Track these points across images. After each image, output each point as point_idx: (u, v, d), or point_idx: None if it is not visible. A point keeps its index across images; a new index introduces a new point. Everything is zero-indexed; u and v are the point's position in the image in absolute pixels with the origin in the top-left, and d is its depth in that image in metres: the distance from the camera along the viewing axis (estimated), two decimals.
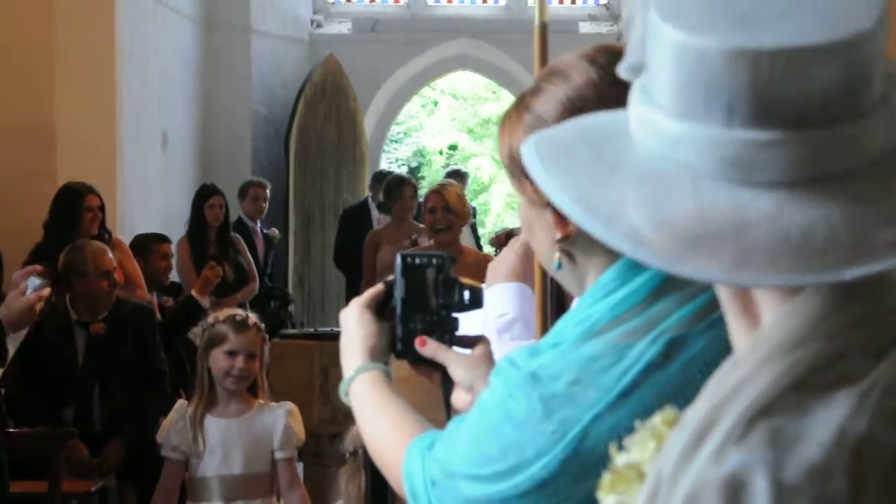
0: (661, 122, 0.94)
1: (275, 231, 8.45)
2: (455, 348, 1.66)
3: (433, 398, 2.85)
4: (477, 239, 9.00)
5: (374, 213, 8.24)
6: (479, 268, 4.80)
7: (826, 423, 0.86)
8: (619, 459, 1.01)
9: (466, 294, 1.67)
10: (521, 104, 1.49)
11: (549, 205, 1.38)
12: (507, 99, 12.10)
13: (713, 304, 1.20)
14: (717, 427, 0.88)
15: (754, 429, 0.87)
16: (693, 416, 0.91)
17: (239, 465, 3.88)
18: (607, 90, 1.40)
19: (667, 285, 1.35)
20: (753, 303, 0.95)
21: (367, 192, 9.39)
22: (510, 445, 1.32)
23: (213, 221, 7.26)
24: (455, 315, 1.67)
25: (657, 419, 1.01)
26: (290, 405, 4.04)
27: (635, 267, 1.35)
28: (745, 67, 0.89)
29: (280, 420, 3.89)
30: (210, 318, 4.00)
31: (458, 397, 1.60)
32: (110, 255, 5.05)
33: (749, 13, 0.93)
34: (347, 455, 3.35)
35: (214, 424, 3.88)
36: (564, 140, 1.02)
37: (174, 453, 3.88)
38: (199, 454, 3.86)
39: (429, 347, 1.63)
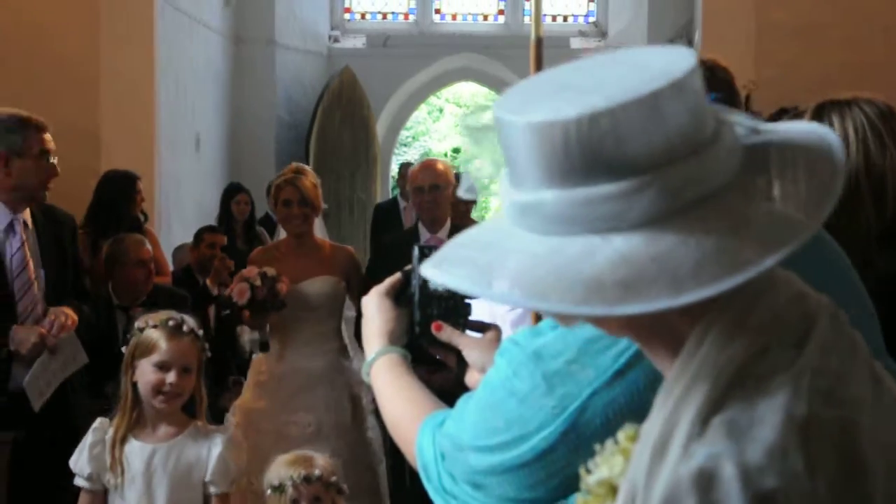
0: (525, 196, 0.94)
1: None
2: (468, 332, 1.64)
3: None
4: None
5: (401, 206, 8.20)
6: (334, 260, 4.49)
7: (772, 408, 0.87)
8: (591, 478, 1.01)
9: None
10: None
11: None
12: None
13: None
14: (677, 431, 0.89)
15: (710, 425, 0.87)
16: (652, 426, 0.91)
17: (163, 499, 2.97)
18: None
19: None
20: (675, 327, 0.95)
21: (378, 190, 9.41)
22: (514, 419, 1.30)
23: (240, 216, 7.36)
24: (468, 301, 1.64)
25: (620, 436, 1.00)
26: (230, 430, 3.16)
27: None
28: (581, 132, 0.89)
29: (216, 447, 3.00)
30: (139, 322, 3.06)
31: (472, 377, 1.57)
32: (148, 246, 5.04)
33: (575, 86, 0.93)
34: (269, 491, 3.06)
35: (138, 449, 2.98)
36: (454, 251, 0.99)
37: (89, 483, 3.00)
38: (118, 485, 2.97)
39: (444, 332, 1.61)
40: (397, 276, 1.70)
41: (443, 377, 4.01)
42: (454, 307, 1.63)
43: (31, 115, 3.88)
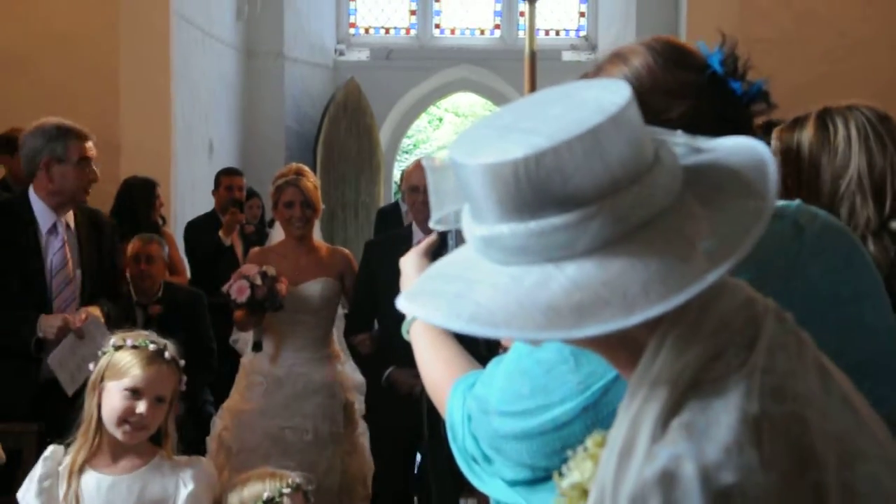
0: (485, 230, 0.95)
1: None
2: None
3: None
4: None
5: (403, 209, 8.20)
6: (332, 262, 4.26)
7: (726, 409, 0.88)
8: (564, 482, 1.03)
9: None
10: None
11: None
12: None
13: None
14: (640, 435, 0.90)
15: (670, 428, 0.89)
16: (617, 433, 0.93)
17: None
18: (662, 74, 1.35)
19: None
20: (635, 339, 0.96)
21: (381, 194, 9.41)
22: (539, 388, 1.28)
23: (252, 219, 7.33)
24: None
25: (588, 443, 1.02)
26: (202, 461, 2.69)
27: None
28: (529, 171, 0.91)
29: (185, 484, 2.56)
30: (116, 339, 2.60)
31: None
32: (164, 246, 5.08)
33: (520, 127, 0.94)
34: None
35: (95, 481, 2.51)
36: (425, 284, 1.01)
37: None
38: None
39: None
40: (434, 236, 1.66)
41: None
42: None
43: (73, 124, 3.93)
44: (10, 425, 3.51)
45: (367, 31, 10.53)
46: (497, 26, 10.52)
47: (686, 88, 1.34)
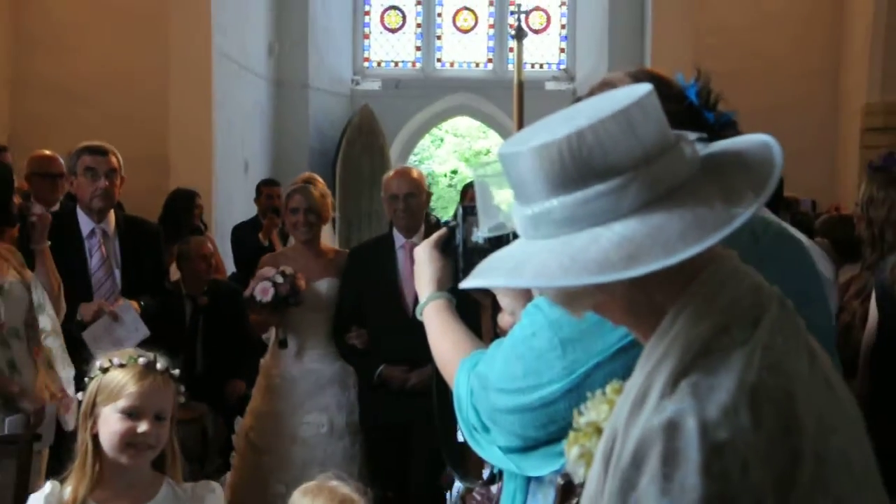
0: (535, 209, 0.95)
1: None
2: None
3: None
4: None
5: None
6: (337, 263, 3.88)
7: (728, 376, 0.89)
8: (581, 419, 1.03)
9: (511, 236, 1.53)
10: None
11: None
12: (493, 136, 12.05)
13: None
14: (652, 389, 0.91)
15: (679, 386, 0.89)
16: (633, 383, 0.94)
17: None
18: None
19: None
20: (658, 304, 0.96)
21: None
22: (531, 370, 1.28)
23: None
24: None
25: (608, 388, 1.01)
26: (216, 489, 2.12)
27: None
28: (573, 147, 0.92)
29: None
30: (101, 361, 2.07)
31: (503, 319, 1.52)
32: (209, 245, 5.06)
33: (562, 118, 0.97)
34: None
35: None
36: (484, 265, 1.01)
37: None
38: None
39: None
40: (443, 230, 1.63)
41: (419, 374, 3.55)
42: None
43: (88, 143, 3.86)
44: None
45: (378, 64, 10.51)
46: (490, 60, 10.50)
47: (668, 116, 1.32)
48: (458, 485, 1.86)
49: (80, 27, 6.92)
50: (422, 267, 1.61)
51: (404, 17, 10.52)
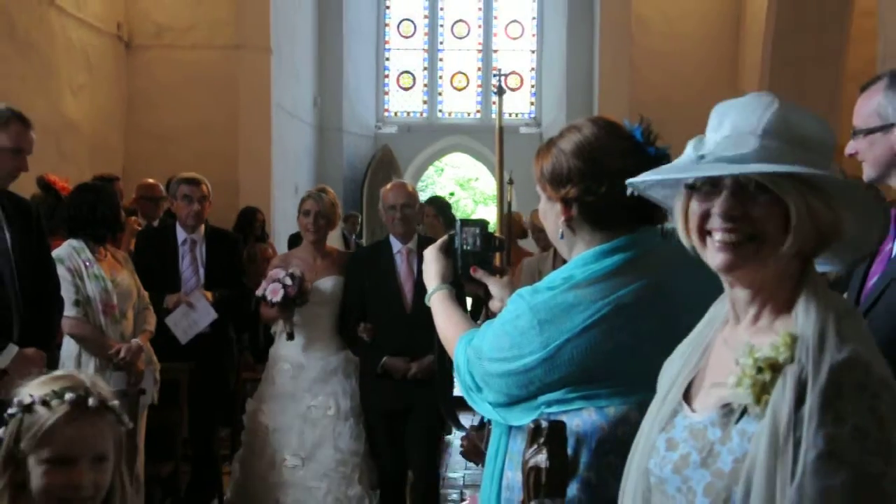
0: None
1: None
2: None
3: None
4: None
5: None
6: (341, 262, 3.47)
7: (860, 335, 0.89)
8: (758, 353, 0.89)
9: (497, 242, 1.53)
10: (551, 144, 1.32)
11: (559, 199, 1.29)
12: (482, 168, 11.97)
13: (653, 286, 1.21)
14: (827, 337, 0.87)
15: (842, 329, 0.88)
16: (806, 331, 0.88)
17: None
18: (607, 139, 1.28)
19: (620, 270, 1.24)
20: (792, 275, 0.94)
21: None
22: (515, 343, 1.25)
23: (352, 231, 7.38)
24: (493, 254, 1.53)
25: (777, 339, 0.90)
26: None
27: (605, 253, 1.26)
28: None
29: None
30: (22, 394, 1.30)
31: (494, 304, 1.48)
32: (269, 251, 5.05)
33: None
34: None
35: None
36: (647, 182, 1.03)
37: None
38: None
39: (478, 273, 1.50)
40: (445, 238, 1.57)
41: (419, 364, 3.36)
42: (483, 259, 1.51)
43: (186, 174, 3.76)
44: (171, 364, 3.52)
45: (395, 114, 10.54)
46: (478, 111, 10.54)
47: (620, 149, 1.27)
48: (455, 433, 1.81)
49: (173, 88, 6.99)
50: (429, 265, 1.56)
51: (415, 78, 10.58)
